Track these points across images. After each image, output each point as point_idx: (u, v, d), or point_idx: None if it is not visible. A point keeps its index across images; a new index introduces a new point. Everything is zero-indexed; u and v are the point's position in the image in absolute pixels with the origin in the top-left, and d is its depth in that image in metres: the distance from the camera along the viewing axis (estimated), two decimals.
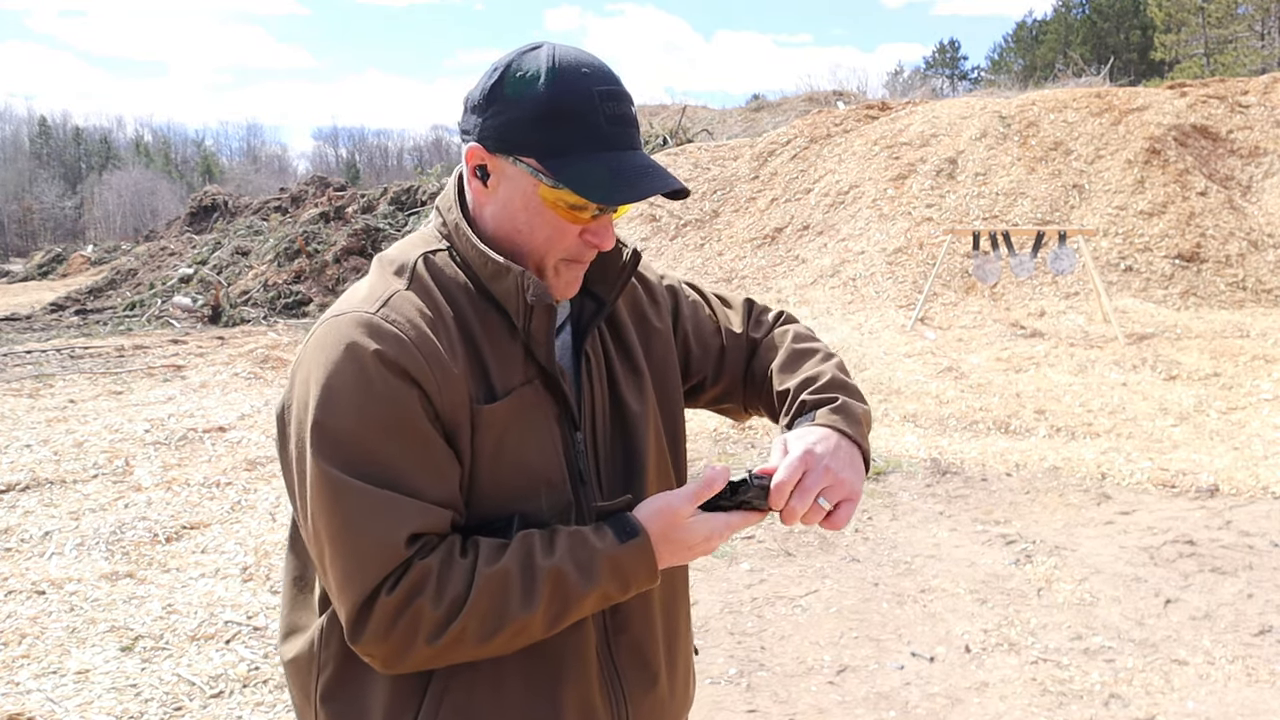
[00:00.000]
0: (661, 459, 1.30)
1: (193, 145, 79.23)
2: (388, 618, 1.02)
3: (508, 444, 1.12)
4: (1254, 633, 3.63)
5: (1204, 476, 5.43)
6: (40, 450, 6.41)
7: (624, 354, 1.29)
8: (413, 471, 1.04)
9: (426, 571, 1.02)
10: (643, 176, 1.10)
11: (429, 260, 1.16)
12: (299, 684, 1.19)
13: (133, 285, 19.86)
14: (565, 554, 1.06)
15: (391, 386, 1.04)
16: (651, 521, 1.11)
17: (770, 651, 3.64)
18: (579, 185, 1.07)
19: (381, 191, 20.26)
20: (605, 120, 1.09)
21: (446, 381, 1.07)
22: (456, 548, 1.06)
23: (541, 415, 1.15)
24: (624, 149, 1.10)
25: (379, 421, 1.03)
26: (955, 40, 63.19)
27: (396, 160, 72.25)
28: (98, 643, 3.66)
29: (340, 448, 1.02)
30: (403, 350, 1.05)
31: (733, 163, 15.32)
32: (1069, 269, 9.40)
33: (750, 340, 1.41)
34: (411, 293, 1.12)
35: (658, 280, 1.39)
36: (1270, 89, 13.39)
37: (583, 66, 1.10)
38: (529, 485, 1.13)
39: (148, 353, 11.42)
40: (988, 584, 4.18)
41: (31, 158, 64.36)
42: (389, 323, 1.06)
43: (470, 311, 1.13)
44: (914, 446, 6.32)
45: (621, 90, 1.12)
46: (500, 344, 1.14)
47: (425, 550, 1.04)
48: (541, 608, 1.04)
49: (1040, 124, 13.07)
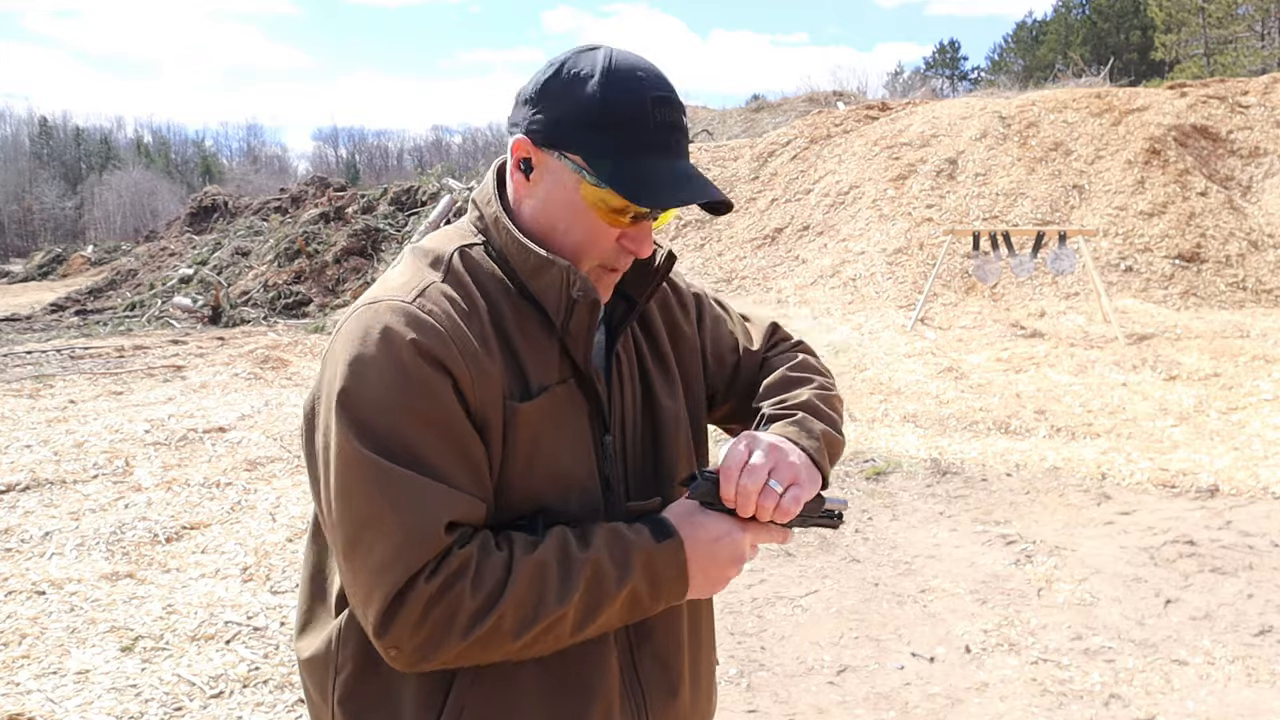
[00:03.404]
0: (690, 466, 1.28)
1: (192, 145, 79.27)
2: (424, 606, 0.99)
3: (542, 444, 1.11)
4: (1254, 633, 3.63)
5: (1204, 477, 5.43)
6: (40, 450, 6.41)
7: (657, 356, 1.28)
8: (448, 462, 1.03)
9: (467, 558, 1.01)
10: (687, 183, 1.08)
11: (465, 254, 1.15)
12: (315, 682, 1.17)
13: (133, 285, 19.87)
14: (602, 546, 1.06)
15: (427, 376, 1.02)
16: (682, 524, 1.10)
17: (770, 651, 3.64)
18: (622, 185, 1.06)
19: (381, 192, 20.25)
20: (655, 126, 1.08)
21: (481, 376, 1.06)
22: (492, 540, 1.05)
23: (574, 416, 1.14)
24: (671, 156, 1.09)
25: (415, 410, 1.02)
26: (955, 40, 63.19)
27: (397, 160, 72.31)
28: (98, 643, 3.66)
29: (378, 433, 1.01)
30: (438, 341, 1.03)
31: (733, 163, 15.33)
32: (1069, 269, 9.40)
33: (763, 361, 1.40)
34: (447, 285, 1.10)
35: (686, 286, 1.39)
36: (1270, 89, 13.39)
37: (638, 70, 1.09)
38: (560, 487, 1.12)
39: (148, 353, 11.42)
40: (988, 584, 4.18)
41: (32, 158, 64.37)
42: (425, 313, 1.05)
43: (506, 307, 1.12)
44: (914, 447, 6.32)
45: (674, 98, 1.11)
46: (536, 341, 1.12)
47: (464, 540, 1.03)
48: (576, 600, 1.03)
49: (1040, 124, 13.07)
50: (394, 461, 1.00)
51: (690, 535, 1.09)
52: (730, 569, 1.11)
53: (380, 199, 19.69)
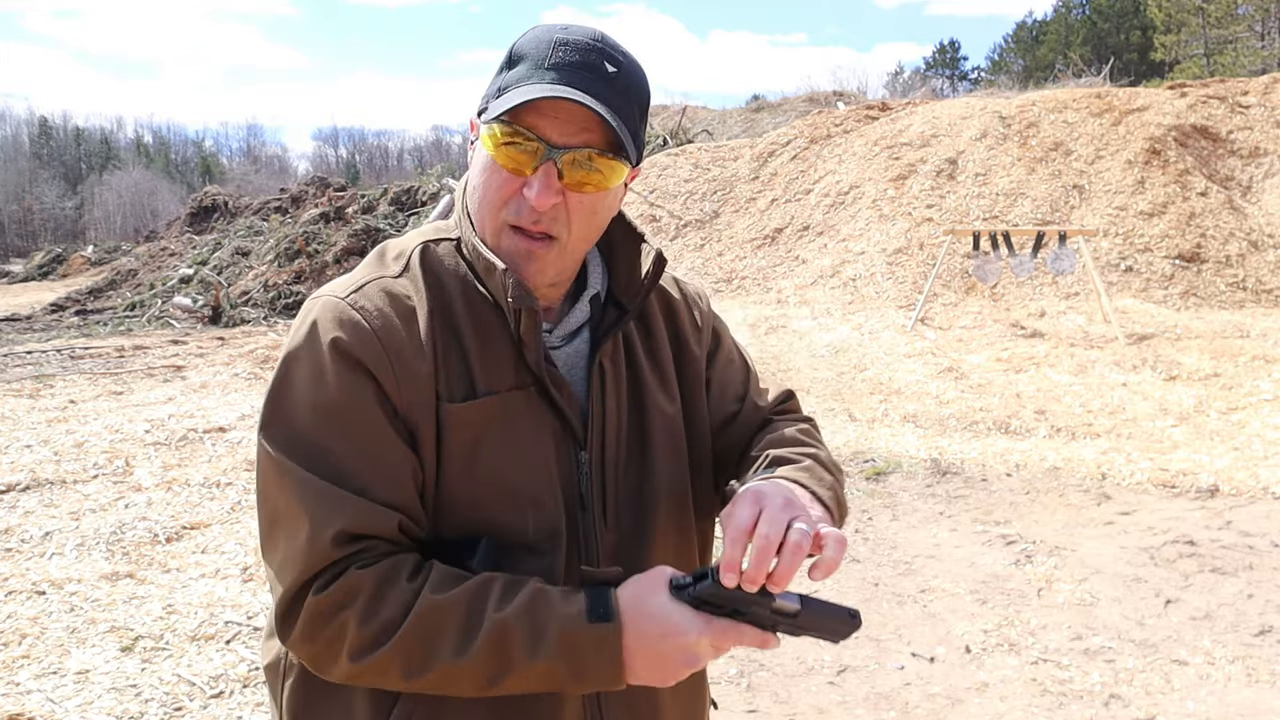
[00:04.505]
0: (681, 495, 1.16)
1: (192, 146, 79.36)
2: (312, 621, 0.95)
3: (484, 450, 1.02)
4: (1254, 633, 3.63)
5: (1204, 477, 5.43)
6: (40, 450, 6.41)
7: (654, 365, 1.18)
8: (358, 467, 0.97)
9: (359, 585, 0.94)
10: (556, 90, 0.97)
11: (428, 249, 1.09)
12: (271, 687, 1.13)
13: (133, 286, 19.87)
14: (521, 610, 0.93)
15: (343, 377, 0.98)
16: (629, 608, 0.94)
17: (770, 651, 3.64)
18: (493, 109, 0.99)
19: (382, 192, 20.26)
20: (551, 61, 0.99)
21: (407, 376, 0.99)
22: (407, 568, 0.96)
23: (531, 426, 1.05)
24: (556, 83, 0.98)
25: (327, 410, 0.97)
26: (955, 41, 63.21)
27: (397, 160, 72.35)
28: (98, 643, 3.66)
29: (287, 433, 0.98)
30: (361, 340, 0.99)
31: (733, 163, 15.32)
32: (1069, 269, 9.40)
33: (767, 421, 1.27)
34: (399, 280, 1.05)
35: (709, 311, 1.28)
36: (1270, 89, 13.39)
37: (567, 27, 1.02)
38: (511, 502, 1.03)
39: (148, 353, 11.42)
40: (988, 584, 4.18)
41: (32, 158, 64.40)
42: (357, 309, 1.01)
43: (462, 305, 1.05)
44: (914, 447, 6.32)
45: (590, 44, 1.01)
46: (492, 343, 1.05)
47: (368, 557, 0.95)
48: (476, 660, 0.92)
49: (1040, 124, 13.07)
50: (298, 463, 0.96)
51: (634, 624, 0.93)
52: (680, 670, 0.95)
53: (380, 199, 19.70)
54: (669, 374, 1.19)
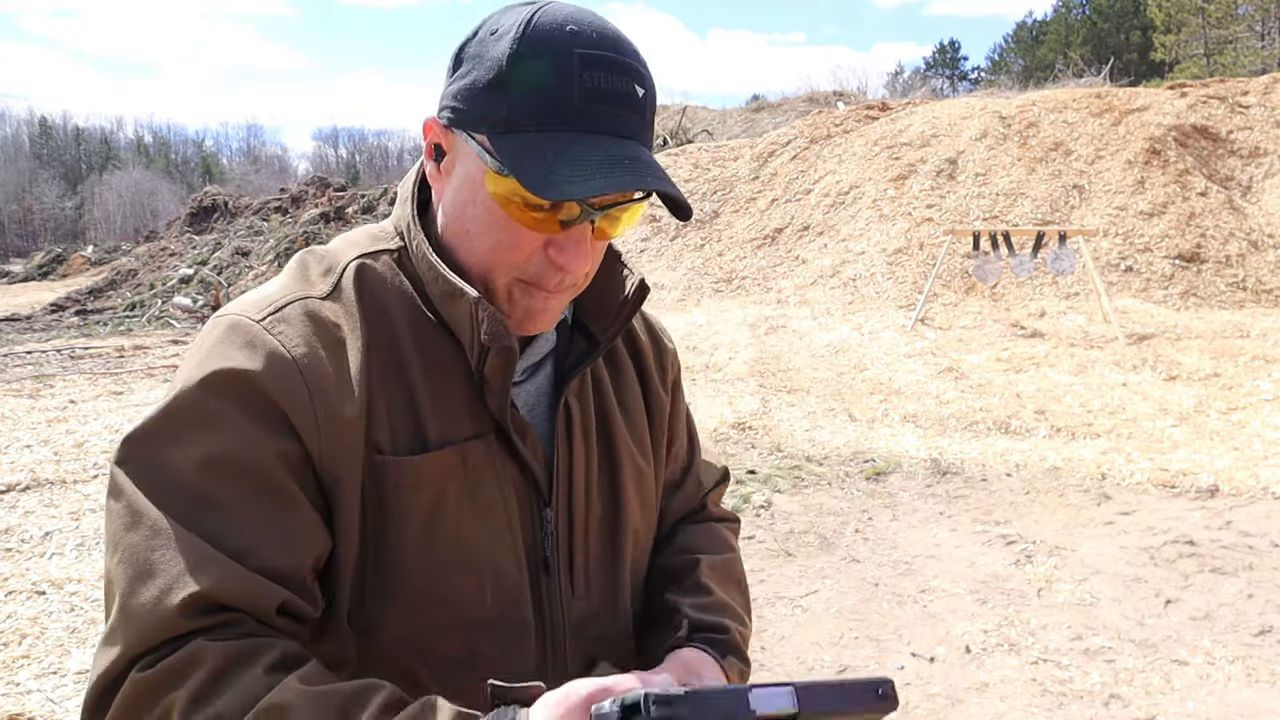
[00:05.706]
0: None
1: (192, 146, 79.37)
2: (128, 705, 0.73)
3: (446, 514, 0.86)
4: (1254, 633, 3.63)
5: (1204, 477, 5.43)
6: (40, 450, 6.41)
7: (624, 409, 1.03)
8: (243, 524, 0.78)
9: (198, 658, 0.73)
10: (615, 169, 0.78)
11: (365, 266, 0.90)
12: None
13: (133, 285, 19.88)
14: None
15: (247, 415, 0.80)
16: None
17: (770, 651, 3.64)
18: (523, 171, 0.78)
19: (382, 192, 20.28)
20: (580, 92, 0.79)
21: (329, 421, 0.81)
22: (270, 655, 0.74)
23: (493, 480, 0.89)
24: (601, 132, 0.80)
25: (216, 452, 0.78)
26: (955, 40, 63.23)
27: (397, 161, 72.32)
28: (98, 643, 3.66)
29: (159, 471, 0.79)
30: (276, 371, 0.81)
31: (733, 163, 15.33)
32: (1069, 269, 9.40)
33: (701, 506, 1.15)
34: (326, 303, 0.87)
35: (674, 351, 1.13)
36: (1270, 89, 13.39)
37: (570, 24, 0.81)
38: (471, 574, 0.87)
39: (148, 353, 11.42)
40: (988, 584, 4.18)
41: (32, 158, 64.42)
42: (273, 334, 0.83)
43: (408, 338, 0.88)
44: (914, 447, 6.32)
45: (617, 59, 0.82)
46: (446, 384, 0.88)
47: (225, 630, 0.75)
48: None
49: (1040, 124, 13.07)
50: (164, 509, 0.77)
51: None
52: None
53: (380, 199, 19.72)
54: (639, 420, 1.04)
